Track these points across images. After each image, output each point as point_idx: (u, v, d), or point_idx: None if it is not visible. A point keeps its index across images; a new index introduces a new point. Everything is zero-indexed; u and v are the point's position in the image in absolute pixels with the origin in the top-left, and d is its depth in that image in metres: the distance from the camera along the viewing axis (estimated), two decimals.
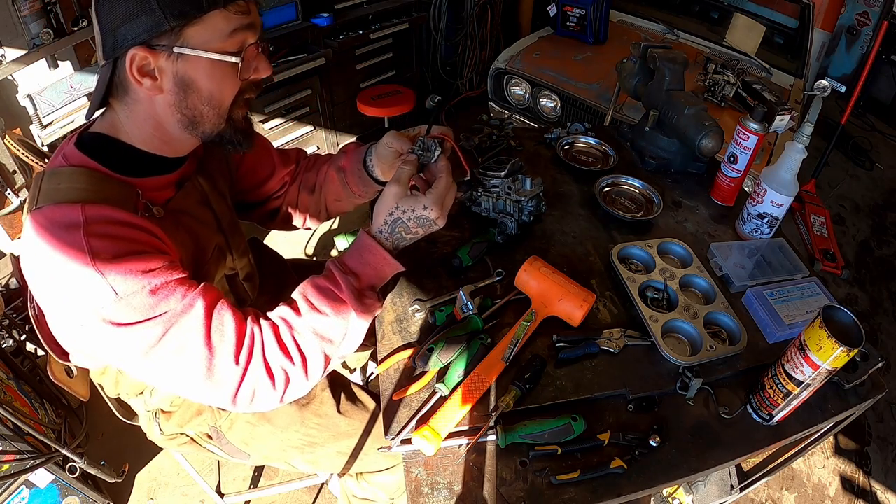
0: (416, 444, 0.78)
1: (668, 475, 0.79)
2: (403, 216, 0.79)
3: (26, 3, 1.65)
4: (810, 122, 1.07)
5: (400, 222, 0.80)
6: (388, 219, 0.80)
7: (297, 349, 0.75)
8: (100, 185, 0.70)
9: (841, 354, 0.71)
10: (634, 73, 1.47)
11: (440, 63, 3.31)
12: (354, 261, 0.80)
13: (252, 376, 0.72)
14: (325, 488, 1.68)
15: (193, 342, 0.68)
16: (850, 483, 1.85)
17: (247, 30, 0.73)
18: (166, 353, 0.68)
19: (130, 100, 0.74)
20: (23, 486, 1.34)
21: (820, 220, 2.84)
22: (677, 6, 3.06)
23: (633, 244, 1.10)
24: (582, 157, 1.43)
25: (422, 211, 0.79)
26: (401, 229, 0.80)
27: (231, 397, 0.72)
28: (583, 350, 0.91)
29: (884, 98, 4.19)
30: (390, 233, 0.80)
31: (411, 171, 0.83)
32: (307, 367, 0.75)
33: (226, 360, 0.70)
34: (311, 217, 1.14)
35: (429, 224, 0.80)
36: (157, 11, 0.66)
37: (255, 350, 0.72)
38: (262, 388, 0.73)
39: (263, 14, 2.20)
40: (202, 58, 0.70)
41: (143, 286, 0.66)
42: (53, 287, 0.66)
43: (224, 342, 0.70)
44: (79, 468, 1.37)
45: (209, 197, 0.90)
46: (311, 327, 0.76)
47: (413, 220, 0.79)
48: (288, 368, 0.74)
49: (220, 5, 0.69)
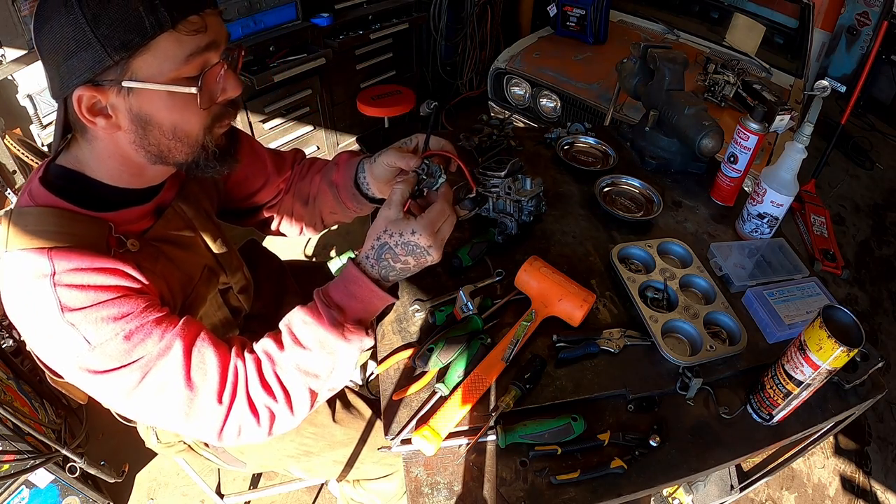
0: (416, 444, 0.78)
1: (668, 475, 0.79)
2: (391, 241, 0.73)
3: (26, 4, 1.65)
4: (810, 122, 1.07)
5: (387, 248, 0.74)
6: (376, 243, 0.74)
7: (280, 386, 0.72)
8: (68, 224, 0.66)
9: (841, 354, 0.71)
10: (634, 73, 1.47)
11: (440, 63, 3.31)
12: (339, 293, 0.75)
13: (236, 414, 0.70)
14: (324, 489, 1.68)
15: (174, 383, 0.67)
16: (850, 483, 1.85)
17: (206, 50, 0.64)
18: (148, 394, 0.67)
19: (91, 136, 0.68)
20: (23, 486, 1.34)
21: (820, 220, 2.84)
22: (677, 6, 3.06)
23: (633, 244, 1.10)
24: (582, 157, 1.43)
25: (410, 236, 0.72)
26: (388, 256, 0.74)
27: (216, 434, 0.71)
28: (583, 350, 0.91)
29: (884, 98, 4.20)
30: (376, 259, 0.75)
31: (406, 191, 0.76)
32: (291, 404, 0.73)
33: (208, 399, 0.68)
34: (307, 227, 1.09)
35: (420, 252, 0.73)
36: (97, 45, 0.58)
37: (239, 387, 0.70)
38: (247, 425, 0.71)
39: (264, 14, 2.20)
40: (156, 90, 0.63)
41: (117, 333, 0.64)
42: (30, 336, 0.65)
43: (206, 381, 0.68)
44: (79, 468, 1.37)
45: (193, 221, 0.84)
46: (295, 363, 0.73)
47: (401, 247, 0.73)
48: (271, 406, 0.72)
49: (167, 27, 0.60)
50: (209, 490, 1.50)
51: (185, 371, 0.67)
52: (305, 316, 0.73)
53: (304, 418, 0.76)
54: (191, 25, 0.62)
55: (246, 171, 0.99)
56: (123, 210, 0.73)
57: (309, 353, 0.73)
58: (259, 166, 1.01)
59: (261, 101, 2.29)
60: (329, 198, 1.01)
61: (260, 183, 1.01)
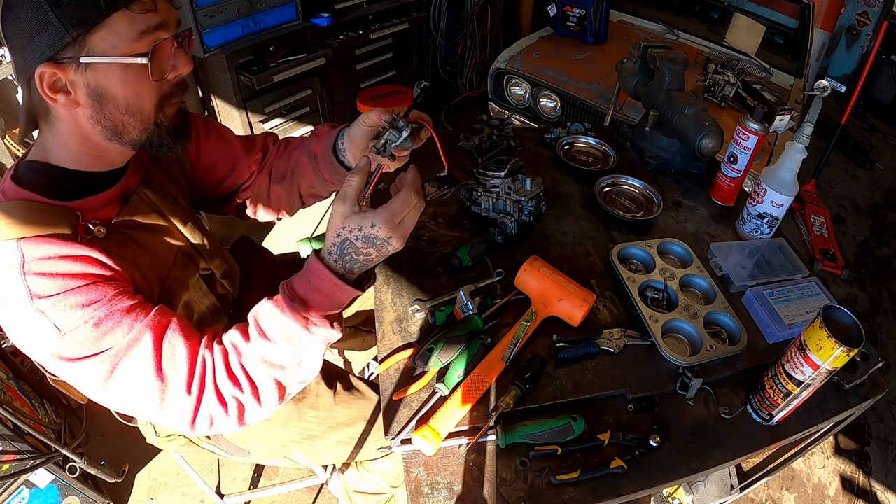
0: (416, 444, 0.78)
1: (668, 475, 0.79)
2: (351, 236, 0.72)
3: None
4: (810, 122, 1.07)
5: (348, 243, 0.72)
6: (337, 240, 0.73)
7: (247, 377, 0.73)
8: (36, 215, 0.69)
9: (841, 354, 0.71)
10: (634, 73, 1.47)
11: (440, 63, 3.31)
12: (303, 286, 0.74)
13: (206, 404, 0.71)
14: (325, 488, 1.68)
15: (145, 374, 0.69)
16: (850, 483, 1.85)
17: (157, 29, 0.69)
18: (121, 384, 0.69)
19: (52, 118, 0.72)
20: (23, 486, 1.34)
21: (820, 220, 2.84)
22: (677, 6, 3.06)
23: (633, 244, 1.10)
24: (582, 157, 1.43)
25: (370, 230, 0.71)
26: (350, 251, 0.73)
27: (188, 424, 0.72)
28: (583, 350, 0.91)
29: (884, 98, 4.20)
30: (339, 255, 0.73)
31: (360, 183, 0.74)
32: (259, 395, 0.74)
33: (178, 390, 0.70)
34: (284, 208, 1.10)
35: (380, 244, 0.72)
36: (57, 24, 0.63)
37: (207, 378, 0.72)
38: (217, 416, 0.72)
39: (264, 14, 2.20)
40: (111, 64, 0.67)
41: (86, 320, 0.65)
42: (6, 326, 0.67)
43: (176, 372, 0.70)
44: (79, 468, 1.37)
45: (160, 206, 0.86)
46: (260, 354, 0.73)
47: (362, 241, 0.72)
48: (239, 396, 0.73)
49: (121, 5, 0.65)
50: (209, 489, 1.50)
51: (155, 362, 0.69)
52: (271, 308, 0.74)
53: (275, 409, 0.77)
54: (142, 5, 0.67)
55: (214, 155, 1.02)
56: (88, 198, 0.76)
57: (274, 345, 0.73)
58: (227, 150, 1.03)
59: (261, 101, 2.29)
60: (308, 170, 1.01)
61: (229, 166, 1.04)
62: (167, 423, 0.74)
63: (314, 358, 0.76)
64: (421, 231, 1.15)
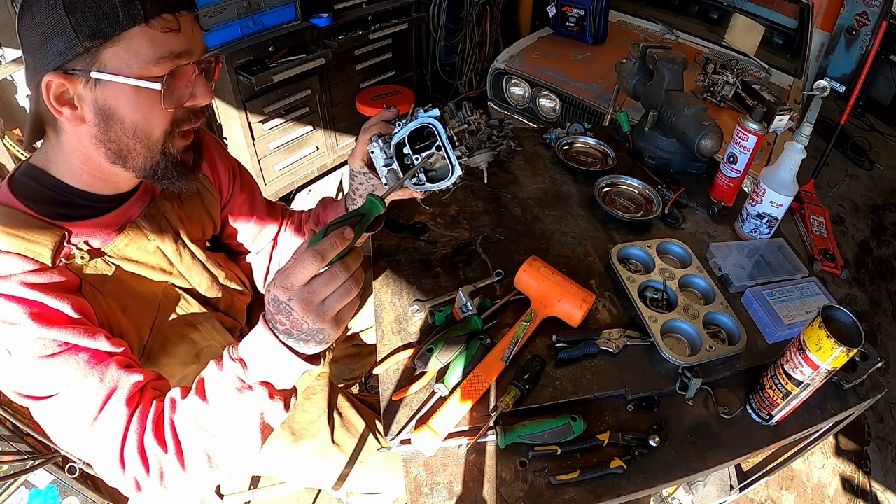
0: (415, 444, 0.78)
1: (667, 475, 0.79)
2: (269, 296, 0.60)
3: None
4: (809, 122, 1.07)
5: (270, 303, 0.60)
6: (267, 298, 0.61)
7: (174, 437, 0.65)
8: (19, 226, 0.65)
9: (840, 354, 0.71)
10: (634, 74, 1.47)
11: (440, 63, 3.31)
12: (245, 343, 0.64)
13: (129, 463, 0.65)
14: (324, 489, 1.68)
15: (80, 424, 0.65)
16: (849, 483, 1.85)
17: (179, 56, 0.65)
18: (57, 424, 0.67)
19: (58, 128, 0.68)
20: (22, 487, 1.34)
21: (819, 220, 2.84)
22: (676, 6, 3.07)
23: (632, 244, 1.10)
24: (581, 158, 1.43)
25: (273, 291, 0.58)
26: (271, 311, 0.60)
27: (118, 482, 0.67)
28: (582, 350, 0.91)
29: (883, 98, 4.20)
30: (270, 317, 0.61)
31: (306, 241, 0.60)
32: (183, 459, 0.65)
33: (109, 450, 0.65)
34: None
35: (284, 309, 0.58)
36: (70, 31, 0.59)
37: (129, 437, 0.65)
38: (140, 477, 0.65)
39: (264, 14, 2.20)
40: (122, 84, 0.63)
41: (38, 354, 0.62)
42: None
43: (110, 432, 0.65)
44: (78, 468, 1.37)
45: (156, 239, 0.81)
46: (192, 414, 0.65)
47: (271, 302, 0.59)
48: (161, 457, 0.65)
49: (140, 20, 0.60)
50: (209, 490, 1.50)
51: (94, 416, 0.65)
52: (215, 365, 0.66)
53: (203, 482, 0.68)
54: (164, 23, 0.63)
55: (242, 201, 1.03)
56: (81, 221, 0.72)
57: (206, 405, 0.64)
58: (252, 202, 1.05)
59: (260, 101, 2.29)
60: None
61: (249, 218, 1.05)
62: (102, 475, 0.69)
63: (248, 432, 0.65)
64: (421, 231, 1.15)
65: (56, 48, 0.61)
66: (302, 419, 1.10)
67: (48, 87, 0.62)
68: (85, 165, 0.71)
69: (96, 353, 0.66)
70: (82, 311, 0.67)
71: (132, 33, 0.61)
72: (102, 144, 0.68)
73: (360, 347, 1.41)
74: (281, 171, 2.54)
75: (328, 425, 1.10)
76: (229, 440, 0.66)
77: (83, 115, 0.65)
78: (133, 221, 0.79)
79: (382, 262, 1.07)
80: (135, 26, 0.61)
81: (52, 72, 0.62)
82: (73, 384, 0.64)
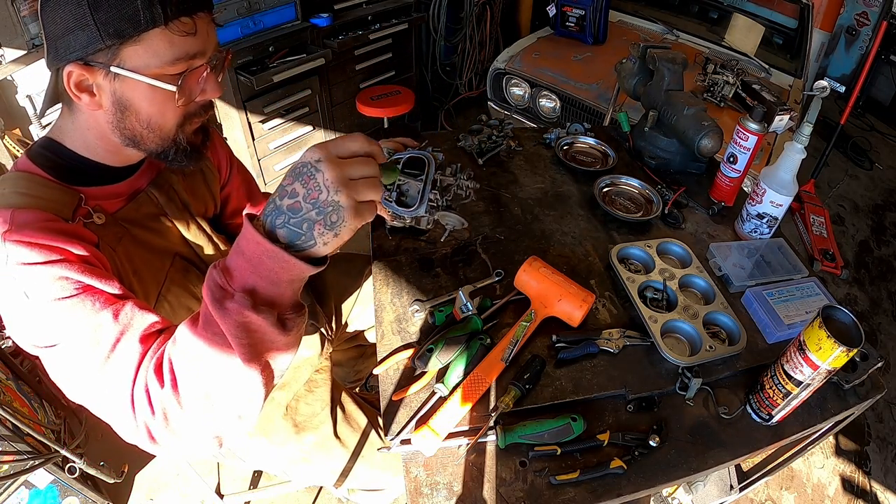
0: (415, 444, 0.78)
1: (667, 475, 0.79)
2: (284, 180, 0.56)
3: (25, 4, 1.65)
4: (809, 122, 1.07)
5: (278, 187, 0.56)
6: None
7: (170, 367, 0.60)
8: (39, 189, 0.69)
9: (840, 354, 0.71)
10: (634, 74, 1.47)
11: (439, 63, 3.31)
12: (231, 250, 0.58)
13: (138, 406, 0.61)
14: (324, 489, 1.68)
15: (93, 364, 0.63)
16: (849, 483, 1.85)
17: (193, 57, 0.69)
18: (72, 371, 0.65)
19: (75, 108, 0.73)
20: (22, 487, 1.34)
21: (819, 220, 2.84)
22: (676, 6, 3.07)
23: (632, 244, 1.10)
24: (581, 158, 1.43)
25: (301, 157, 0.55)
26: (275, 195, 0.56)
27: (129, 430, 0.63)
28: (582, 350, 0.91)
29: (883, 98, 4.20)
30: (264, 208, 0.57)
31: None
32: (178, 391, 0.59)
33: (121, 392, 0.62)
34: None
35: (307, 173, 0.53)
36: (93, 28, 0.63)
37: (139, 376, 0.62)
38: (148, 419, 0.61)
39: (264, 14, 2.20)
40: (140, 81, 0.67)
41: (54, 296, 0.63)
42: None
43: (123, 372, 0.63)
44: (78, 468, 1.37)
45: (165, 209, 0.86)
46: (187, 341, 0.59)
47: (289, 176, 0.55)
48: (158, 393, 0.60)
49: (160, 23, 0.64)
50: (209, 489, 1.50)
51: (107, 353, 0.63)
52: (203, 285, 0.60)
53: (206, 424, 0.61)
54: (182, 26, 0.66)
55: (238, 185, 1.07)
56: (95, 187, 0.76)
57: (195, 329, 0.58)
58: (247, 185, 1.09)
59: (260, 101, 2.29)
60: None
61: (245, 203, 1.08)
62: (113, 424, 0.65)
63: (238, 353, 0.57)
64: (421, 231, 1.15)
65: (79, 41, 0.64)
66: (305, 411, 1.11)
67: (69, 75, 0.66)
68: (99, 141, 0.75)
69: (112, 296, 0.67)
70: (100, 261, 0.70)
71: (151, 35, 0.65)
72: (117, 129, 0.72)
73: (363, 349, 1.42)
74: (281, 171, 2.55)
75: (331, 418, 1.11)
76: (221, 367, 0.58)
77: (101, 103, 0.69)
78: (143, 190, 0.83)
79: (382, 262, 1.07)
80: (155, 28, 0.64)
81: (74, 62, 0.65)
82: (87, 322, 0.64)
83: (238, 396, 0.60)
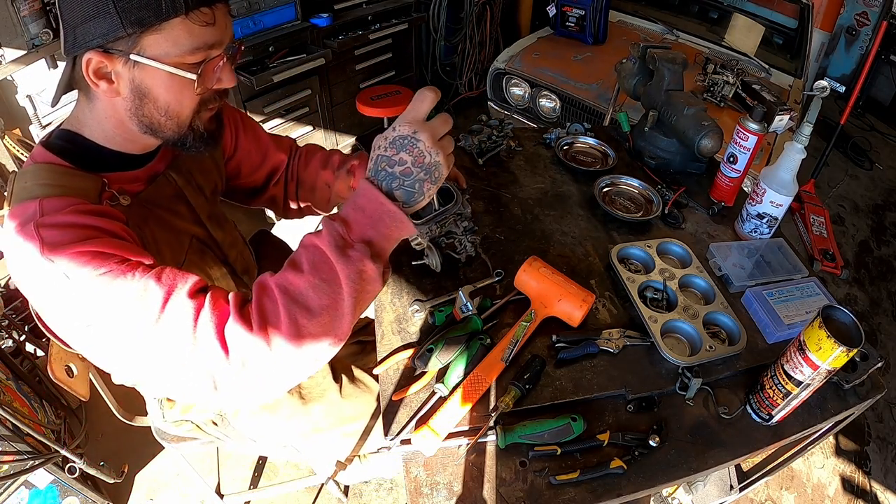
0: (415, 444, 0.78)
1: (667, 475, 0.79)
2: (380, 150, 0.68)
3: (26, 4, 1.65)
4: (809, 122, 1.07)
5: (380, 158, 0.68)
6: (372, 164, 0.69)
7: (259, 312, 0.63)
8: (62, 178, 0.70)
9: (840, 354, 0.71)
10: (634, 74, 1.47)
11: (439, 63, 3.31)
12: (348, 207, 0.68)
13: (205, 346, 0.63)
14: (324, 489, 1.68)
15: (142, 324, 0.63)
16: (849, 483, 1.85)
17: (212, 47, 0.70)
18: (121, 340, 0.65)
19: (92, 96, 0.73)
20: (22, 487, 1.34)
21: (819, 220, 2.84)
22: (676, 6, 3.07)
23: (632, 244, 1.10)
24: (581, 158, 1.43)
25: (392, 133, 0.67)
26: (383, 165, 0.68)
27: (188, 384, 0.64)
28: (582, 350, 0.91)
29: (883, 98, 4.20)
30: (375, 174, 0.68)
31: None
32: (268, 335, 0.62)
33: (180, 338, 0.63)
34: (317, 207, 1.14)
35: (408, 143, 0.66)
36: (115, 16, 0.64)
37: (202, 322, 0.63)
38: (219, 363, 0.63)
39: (264, 14, 2.20)
40: (159, 69, 0.68)
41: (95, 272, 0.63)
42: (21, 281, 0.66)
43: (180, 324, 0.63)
44: (78, 468, 1.37)
45: (184, 191, 0.89)
46: (283, 285, 0.64)
47: (390, 148, 0.67)
48: (245, 337, 0.62)
49: (181, 12, 0.65)
50: (209, 489, 1.50)
51: (157, 315, 0.63)
52: (311, 234, 0.67)
53: (287, 366, 0.65)
54: (202, 16, 0.67)
55: (248, 147, 1.05)
56: (116, 173, 0.77)
57: (300, 275, 0.64)
58: (258, 144, 1.07)
59: (260, 101, 2.29)
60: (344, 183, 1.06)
61: (259, 160, 1.07)
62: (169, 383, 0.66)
63: (346, 297, 0.64)
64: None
65: (99, 28, 0.65)
66: (308, 384, 1.12)
67: (88, 62, 0.67)
68: (117, 129, 0.76)
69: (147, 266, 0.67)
70: (131, 236, 0.71)
71: (172, 24, 0.66)
72: (135, 117, 0.73)
73: (363, 345, 1.42)
74: None
75: (336, 384, 1.13)
76: (324, 308, 0.64)
77: (119, 90, 0.70)
78: (161, 173, 0.85)
79: None
80: (176, 17, 0.65)
81: (94, 49, 0.66)
82: (132, 289, 0.63)
83: (327, 339, 0.66)
